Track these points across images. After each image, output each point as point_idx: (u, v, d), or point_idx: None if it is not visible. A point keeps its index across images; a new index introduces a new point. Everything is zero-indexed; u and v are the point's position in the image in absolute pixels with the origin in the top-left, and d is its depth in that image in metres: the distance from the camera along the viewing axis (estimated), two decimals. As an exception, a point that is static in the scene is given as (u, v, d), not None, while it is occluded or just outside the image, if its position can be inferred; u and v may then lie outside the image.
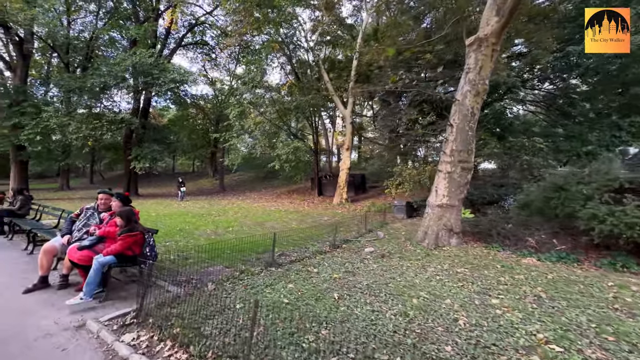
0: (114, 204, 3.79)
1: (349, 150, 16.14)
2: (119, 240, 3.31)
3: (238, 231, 8.12)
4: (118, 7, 22.56)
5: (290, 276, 4.09)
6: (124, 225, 3.40)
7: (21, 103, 15.17)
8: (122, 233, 3.34)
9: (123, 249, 3.30)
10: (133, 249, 3.39)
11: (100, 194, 4.06)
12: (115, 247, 3.27)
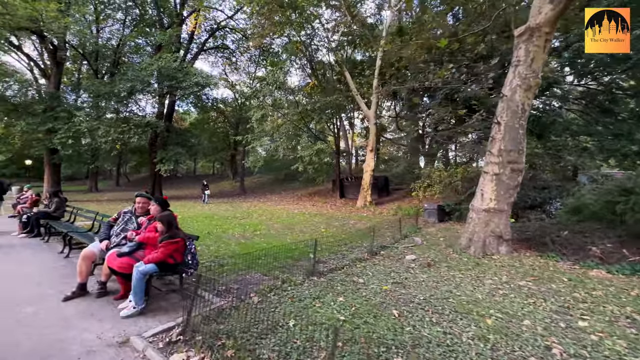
0: (153, 208, 3.60)
1: (372, 151, 15.69)
2: (160, 247, 3.10)
3: (266, 234, 7.90)
4: (143, 14, 23.26)
5: (337, 287, 3.76)
6: (165, 231, 3.19)
7: (55, 108, 15.76)
8: (164, 240, 3.12)
9: (165, 257, 3.09)
10: (175, 256, 3.18)
11: (138, 197, 3.90)
12: (157, 255, 3.06)
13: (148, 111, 24.35)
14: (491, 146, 6.04)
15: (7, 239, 6.61)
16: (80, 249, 5.44)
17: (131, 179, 39.41)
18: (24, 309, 3.11)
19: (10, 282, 3.94)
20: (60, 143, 14.84)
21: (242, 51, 26.88)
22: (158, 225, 3.21)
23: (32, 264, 4.79)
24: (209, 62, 31.32)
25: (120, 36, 21.95)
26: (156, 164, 17.18)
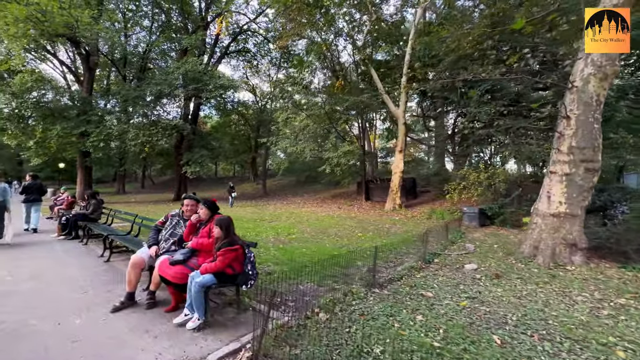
0: (202, 212, 3.29)
1: (402, 152, 15.08)
2: (218, 255, 2.76)
3: (302, 239, 7.53)
4: (169, 20, 23.75)
5: (406, 302, 3.30)
6: (224, 237, 2.85)
7: (87, 112, 16.20)
8: (222, 247, 2.79)
9: (224, 267, 2.75)
10: (234, 266, 2.83)
11: (186, 200, 3.61)
12: (215, 265, 2.72)
13: (173, 115, 24.87)
14: (559, 143, 5.40)
15: (47, 241, 6.59)
16: (120, 253, 5.28)
17: (155, 181, 40.45)
18: (72, 321, 2.86)
19: (54, 288, 3.74)
20: (93, 146, 15.20)
21: (263, 54, 26.99)
22: (215, 231, 2.88)
23: (74, 267, 4.62)
24: (231, 65, 31.84)
25: (147, 42, 22.49)
26: (182, 166, 17.31)
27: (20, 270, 4.45)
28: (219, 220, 2.93)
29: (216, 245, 2.86)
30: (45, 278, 4.10)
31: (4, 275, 4.20)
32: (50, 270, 4.51)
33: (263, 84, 30.78)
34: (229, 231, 2.91)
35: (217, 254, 2.80)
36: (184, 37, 18.80)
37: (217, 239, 2.90)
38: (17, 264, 4.79)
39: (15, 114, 15.36)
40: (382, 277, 4.35)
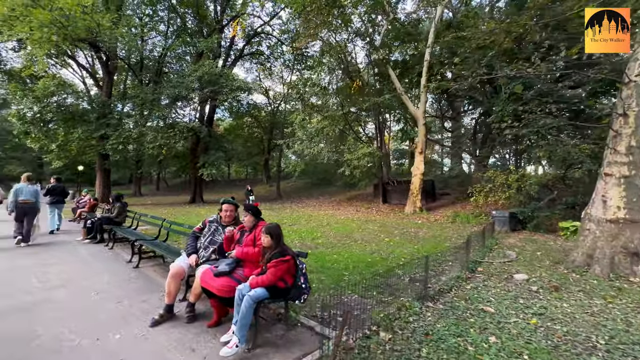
0: (247, 219, 3.05)
1: (422, 153, 14.67)
2: (270, 267, 2.51)
3: (328, 244, 7.25)
4: (184, 24, 23.95)
5: (468, 319, 2.98)
6: (274, 246, 2.60)
7: (107, 115, 16.39)
8: (273, 257, 2.53)
9: (276, 280, 2.49)
10: (285, 278, 2.57)
11: (224, 205, 3.38)
12: (267, 277, 2.47)
13: (188, 117, 25.04)
14: (615, 143, 4.97)
15: (73, 245, 6.50)
16: (149, 258, 5.11)
17: (169, 184, 40.93)
18: (111, 336, 2.65)
19: (87, 297, 3.57)
20: (112, 149, 15.33)
21: (276, 56, 26.98)
22: (264, 240, 2.63)
23: (104, 274, 4.46)
24: (244, 68, 31.82)
25: (163, 47, 22.75)
26: (199, 169, 17.30)
27: (49, 277, 4.32)
28: (269, 228, 2.68)
29: (266, 256, 2.61)
30: (76, 285, 3.94)
31: (34, 282, 4.07)
32: (79, 276, 4.36)
33: (276, 86, 30.84)
34: (280, 240, 2.66)
35: (267, 266, 2.54)
36: (200, 40, 18.88)
37: (265, 248, 2.65)
38: (45, 270, 4.66)
39: (38, 117, 15.65)
40: (430, 287, 4.02)
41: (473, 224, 10.88)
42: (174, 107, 18.76)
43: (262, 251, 2.72)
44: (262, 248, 2.71)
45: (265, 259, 2.59)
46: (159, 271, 4.60)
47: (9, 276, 4.35)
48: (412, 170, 14.89)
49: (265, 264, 2.58)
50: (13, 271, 4.60)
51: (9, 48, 24.08)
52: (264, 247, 2.66)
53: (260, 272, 2.65)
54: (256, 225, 3.04)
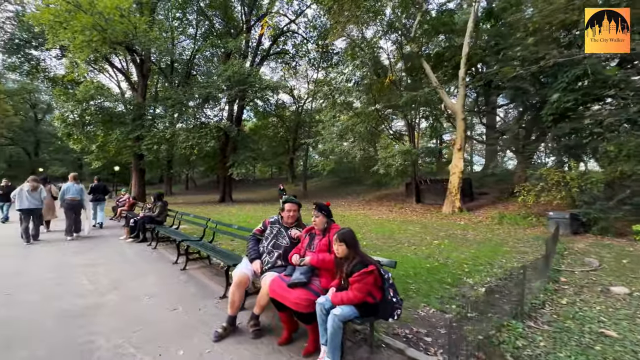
0: (318, 220, 2.66)
1: (461, 150, 13.77)
2: (353, 282, 2.09)
3: (373, 246, 6.75)
4: (212, 26, 24.31)
5: (594, 346, 2.41)
6: (351, 255, 2.20)
7: (142, 117, 16.84)
8: (355, 270, 2.12)
9: (364, 296, 2.08)
10: (373, 293, 2.15)
11: (287, 204, 3.02)
12: (354, 294, 2.07)
13: (216, 118, 25.42)
14: None
15: (117, 244, 6.49)
16: (194, 260, 4.89)
17: (198, 183, 42.03)
18: (173, 351, 2.35)
19: (140, 303, 3.35)
20: (147, 149, 15.70)
21: (301, 55, 26.78)
22: (339, 248, 2.23)
23: (153, 276, 4.28)
24: (270, 67, 31.86)
25: (192, 50, 23.21)
26: (228, 168, 17.38)
27: (98, 277, 4.19)
28: (342, 235, 2.27)
29: (344, 268, 2.19)
30: (127, 289, 3.75)
31: (86, 284, 3.93)
32: (128, 277, 4.20)
33: (300, 85, 30.70)
34: (357, 248, 2.25)
35: (349, 282, 2.12)
36: (228, 40, 18.98)
37: (341, 259, 2.25)
38: (95, 270, 4.56)
39: (79, 120, 16.37)
40: (514, 300, 3.45)
41: (524, 226, 9.97)
42: (204, 107, 18.98)
43: (336, 260, 2.32)
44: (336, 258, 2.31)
45: (344, 272, 2.18)
46: (207, 274, 4.35)
47: (61, 275, 4.28)
48: (450, 168, 14.03)
49: (344, 278, 2.17)
50: (64, 270, 4.54)
51: (52, 56, 25.70)
52: (339, 257, 2.26)
53: (339, 285, 2.25)
54: (329, 227, 2.64)
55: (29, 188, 6.54)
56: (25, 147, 40.40)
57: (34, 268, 4.71)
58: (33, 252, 5.83)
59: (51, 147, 42.15)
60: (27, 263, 5.03)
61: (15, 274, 4.36)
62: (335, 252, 2.28)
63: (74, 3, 12.01)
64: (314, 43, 24.89)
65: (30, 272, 4.45)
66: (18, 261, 5.18)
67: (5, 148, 35.76)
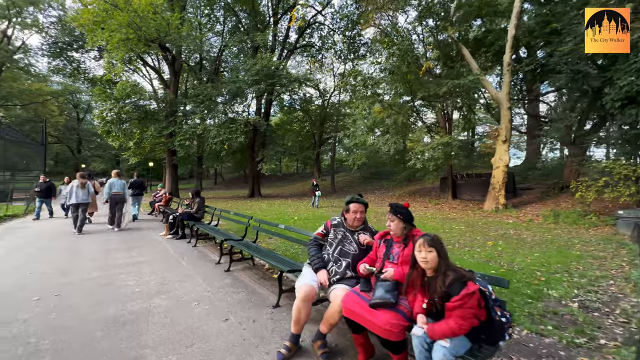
0: (393, 225, 2.22)
1: (506, 142, 12.70)
2: (453, 308, 1.63)
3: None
4: (239, 23, 24.31)
5: None
6: (444, 266, 1.75)
7: (174, 113, 17.18)
8: (453, 290, 1.66)
9: (469, 325, 1.62)
10: (478, 314, 1.69)
11: (352, 204, 2.60)
12: (457, 324, 1.61)
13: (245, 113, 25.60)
14: None
15: (157, 241, 6.45)
16: (238, 261, 4.65)
17: (225, 178, 43.01)
18: (235, 374, 2.04)
19: (189, 309, 3.11)
20: (180, 145, 16.00)
21: (327, 47, 26.18)
22: (427, 256, 1.77)
23: (197, 278, 4.07)
24: (296, 61, 31.52)
25: (220, 47, 23.38)
26: (258, 163, 17.34)
27: (144, 278, 4.04)
28: (432, 240, 1.80)
29: (438, 287, 1.72)
30: (173, 292, 3.55)
31: (131, 285, 3.79)
32: (173, 279, 4.01)
33: (326, 78, 30.06)
34: (447, 257, 1.79)
35: (453, 302, 1.67)
36: (256, 34, 18.82)
37: (428, 270, 1.79)
38: (139, 269, 4.45)
39: (117, 118, 17.01)
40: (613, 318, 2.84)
41: (584, 225, 8.92)
42: (234, 102, 19.05)
43: (420, 272, 1.86)
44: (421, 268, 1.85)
45: (437, 292, 1.72)
46: (253, 277, 4.08)
47: (106, 274, 4.19)
48: (493, 161, 13.01)
49: (439, 301, 1.71)
50: (109, 269, 4.47)
51: (91, 57, 27.05)
52: (430, 268, 1.80)
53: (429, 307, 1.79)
54: (409, 234, 2.20)
55: (78, 184, 7.15)
56: (70, 144, 43.27)
57: (80, 264, 4.70)
58: (79, 246, 5.92)
59: (92, 145, 44.88)
60: (73, 258, 5.06)
61: (62, 271, 4.35)
62: (421, 263, 1.82)
63: (110, 2, 12.30)
64: (340, 34, 24.23)
65: (77, 270, 4.42)
66: (65, 255, 5.25)
67: (52, 146, 38.45)
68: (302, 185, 30.37)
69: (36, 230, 7.86)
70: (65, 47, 25.60)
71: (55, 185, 10.13)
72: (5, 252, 5.62)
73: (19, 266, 4.61)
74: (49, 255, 5.31)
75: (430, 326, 1.65)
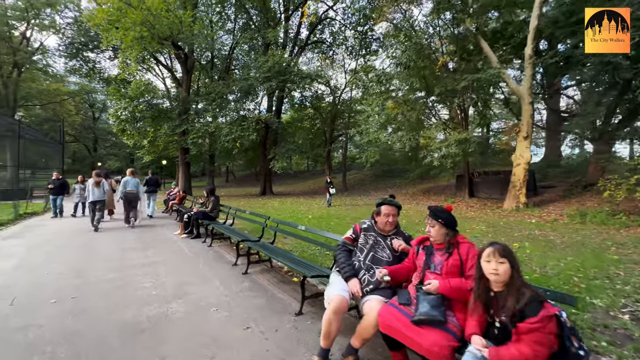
0: (434, 230, 2.00)
1: (528, 138, 12.18)
2: (529, 330, 1.40)
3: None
4: (250, 19, 24.21)
5: None
6: (518, 282, 1.52)
7: (187, 111, 17.25)
8: (533, 311, 1.42)
9: (548, 351, 1.39)
10: (551, 340, 1.45)
11: (383, 206, 2.39)
12: (532, 351, 1.38)
13: (256, 110, 25.58)
14: None
15: (174, 241, 6.38)
16: (256, 263, 4.50)
17: (237, 176, 43.28)
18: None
19: (208, 315, 2.97)
20: (192, 143, 16.05)
21: (338, 43, 25.80)
22: (499, 268, 1.54)
23: (214, 280, 3.94)
24: (306, 58, 31.23)
25: (231, 45, 23.35)
26: (270, 161, 17.25)
27: (160, 280, 3.93)
28: (503, 250, 1.57)
29: (509, 304, 1.49)
30: (191, 296, 3.42)
31: (148, 287, 3.68)
32: (190, 281, 3.89)
33: (337, 75, 29.68)
34: (520, 272, 1.55)
35: (517, 327, 1.43)
36: (268, 31, 18.66)
37: (500, 285, 1.56)
38: (155, 270, 4.36)
39: (131, 116, 17.20)
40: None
41: (615, 226, 8.41)
42: (246, 99, 19.01)
43: (484, 286, 1.64)
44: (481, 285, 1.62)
45: (506, 310, 1.49)
46: (271, 280, 3.92)
47: (122, 276, 4.11)
48: (514, 158, 12.50)
49: (507, 320, 1.48)
50: (125, 269, 4.40)
51: (106, 57, 27.51)
52: (500, 282, 1.57)
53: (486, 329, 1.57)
54: (453, 241, 1.97)
55: (93, 183, 7.37)
56: (86, 143, 44.36)
57: (96, 264, 4.65)
58: (96, 245, 5.91)
59: (107, 143, 45.89)
60: (90, 258, 5.03)
61: (78, 271, 4.30)
62: (490, 275, 1.58)
63: (124, 0, 12.36)
64: (352, 29, 23.83)
65: (93, 269, 4.37)
66: (81, 254, 5.24)
67: (69, 145, 39.47)
68: (313, 183, 30.22)
69: (54, 228, 7.94)
70: (81, 48, 26.09)
71: (69, 183, 10.25)
72: (26, 249, 5.65)
73: (38, 265, 4.59)
74: (66, 253, 5.31)
75: (494, 350, 1.43)
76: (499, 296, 1.55)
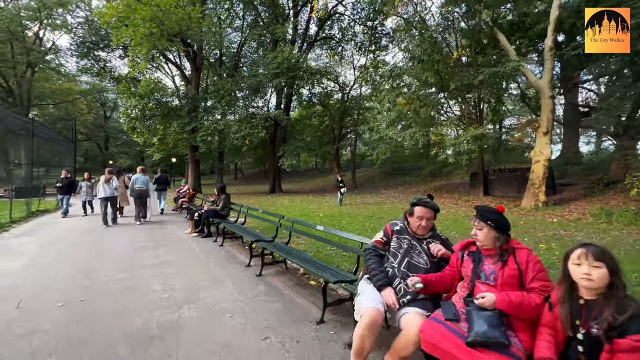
0: (481, 233, 1.73)
1: (548, 134, 11.70)
2: (636, 347, 1.13)
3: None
4: (258, 17, 24.00)
5: None
6: (620, 290, 1.25)
7: (196, 109, 17.19)
8: (634, 327, 1.15)
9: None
10: None
11: (417, 207, 2.12)
12: None
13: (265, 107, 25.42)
14: None
15: (184, 240, 6.24)
16: (270, 264, 4.28)
17: (245, 174, 43.35)
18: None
19: (222, 322, 2.77)
20: (202, 140, 15.98)
21: (347, 39, 25.40)
22: (593, 271, 1.27)
23: (227, 282, 3.74)
24: (315, 54, 30.90)
25: (239, 42, 23.21)
26: (279, 159, 17.08)
27: (171, 282, 3.75)
28: (600, 252, 1.30)
29: (606, 316, 1.23)
30: (204, 299, 3.22)
31: (158, 290, 3.50)
32: (202, 284, 3.70)
33: (345, 72, 29.31)
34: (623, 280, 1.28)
35: (613, 341, 1.17)
36: (276, 27, 18.42)
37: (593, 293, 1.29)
38: (165, 271, 4.19)
39: (141, 114, 17.24)
40: None
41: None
42: (255, 96, 18.87)
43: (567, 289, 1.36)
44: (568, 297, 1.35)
45: (601, 322, 1.22)
46: (287, 283, 3.69)
47: (132, 276, 3.95)
48: (533, 155, 12.02)
49: (603, 334, 1.22)
50: (135, 270, 4.24)
51: (116, 56, 27.71)
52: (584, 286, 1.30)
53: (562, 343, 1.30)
54: (507, 247, 1.70)
55: (104, 180, 7.56)
56: (98, 142, 45.06)
57: (105, 264, 4.52)
58: (106, 243, 5.82)
59: (118, 142, 46.55)
60: (99, 257, 4.92)
61: (87, 271, 4.17)
62: (581, 281, 1.31)
63: (133, -4, 12.34)
64: (361, 24, 23.41)
65: (102, 270, 4.23)
66: (92, 253, 5.14)
67: (81, 143, 40.13)
68: (322, 180, 29.92)
69: (66, 226, 7.92)
70: (92, 47, 26.33)
71: (77, 182, 10.23)
72: (36, 247, 5.59)
73: (47, 265, 4.49)
74: (77, 252, 5.22)
75: None
76: (592, 305, 1.28)
